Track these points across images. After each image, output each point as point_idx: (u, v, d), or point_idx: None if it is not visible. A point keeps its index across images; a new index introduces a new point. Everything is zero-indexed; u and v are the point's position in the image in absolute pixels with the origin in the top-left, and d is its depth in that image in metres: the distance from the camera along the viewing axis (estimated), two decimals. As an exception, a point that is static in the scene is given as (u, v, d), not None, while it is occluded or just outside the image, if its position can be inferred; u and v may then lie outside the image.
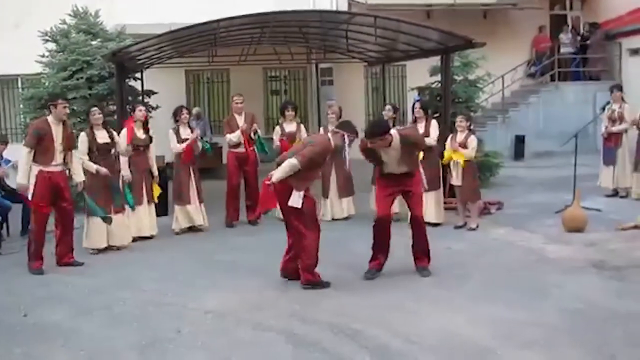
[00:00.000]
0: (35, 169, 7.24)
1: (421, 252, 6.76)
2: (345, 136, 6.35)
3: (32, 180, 7.26)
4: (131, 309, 5.93)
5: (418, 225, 6.74)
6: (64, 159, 7.48)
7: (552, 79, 17.42)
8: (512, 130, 16.46)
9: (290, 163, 6.11)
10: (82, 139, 7.91)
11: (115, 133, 8.30)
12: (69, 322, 5.62)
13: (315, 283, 6.31)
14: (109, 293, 6.40)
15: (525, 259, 7.19)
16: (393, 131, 6.55)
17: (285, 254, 6.60)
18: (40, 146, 7.22)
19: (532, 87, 17.74)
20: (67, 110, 7.57)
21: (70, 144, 7.56)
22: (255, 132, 9.54)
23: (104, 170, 7.87)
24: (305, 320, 5.42)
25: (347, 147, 6.42)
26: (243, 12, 9.68)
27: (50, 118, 7.39)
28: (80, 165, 7.80)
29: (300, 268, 6.36)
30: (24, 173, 7.23)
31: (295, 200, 6.17)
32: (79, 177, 7.71)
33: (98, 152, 7.96)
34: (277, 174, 6.16)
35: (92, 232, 8.04)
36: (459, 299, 5.88)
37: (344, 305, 5.77)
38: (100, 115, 8.11)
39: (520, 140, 16.35)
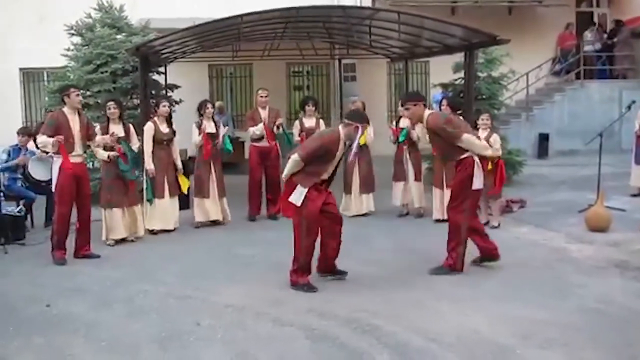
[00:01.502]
0: (58, 160, 7.31)
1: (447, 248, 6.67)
2: (360, 127, 6.15)
3: (55, 172, 7.34)
4: (151, 301, 5.97)
5: (448, 221, 6.67)
6: (85, 149, 7.56)
7: (578, 77, 17.21)
8: (536, 128, 16.31)
9: (292, 159, 6.02)
10: (97, 131, 7.99)
11: (131, 127, 8.36)
12: (90, 314, 5.68)
13: (300, 285, 6.16)
14: (130, 285, 6.46)
15: (547, 258, 7.12)
16: (427, 111, 6.50)
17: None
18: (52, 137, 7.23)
19: (557, 85, 17.54)
20: (81, 98, 7.62)
21: (89, 133, 7.60)
22: (280, 126, 9.53)
23: (113, 153, 7.93)
24: (324, 315, 5.42)
25: (357, 139, 6.16)
26: (266, 7, 9.70)
27: (65, 109, 7.43)
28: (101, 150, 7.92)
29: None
30: (48, 143, 7.19)
31: (296, 196, 6.01)
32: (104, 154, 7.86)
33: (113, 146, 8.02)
34: (285, 171, 6.11)
35: (112, 223, 8.13)
36: (479, 297, 5.85)
37: (363, 301, 5.76)
38: (116, 110, 8.18)
39: (544, 139, 16.20)
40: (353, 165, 9.44)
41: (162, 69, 12.52)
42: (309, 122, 9.74)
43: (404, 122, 9.20)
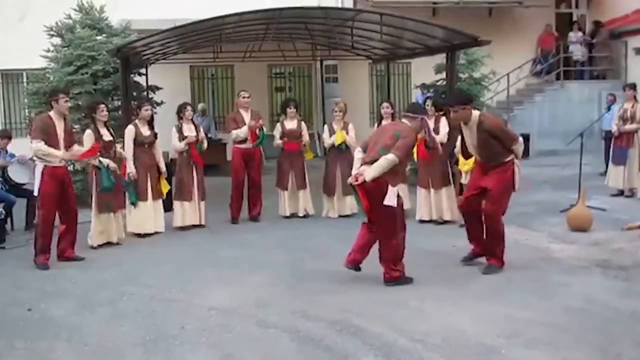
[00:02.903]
0: (41, 165, 7.24)
1: (488, 250, 6.66)
2: (425, 119, 6.35)
3: (38, 177, 7.26)
4: (136, 304, 5.92)
5: (487, 223, 6.60)
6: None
7: (558, 77, 17.37)
8: (517, 128, 16.10)
9: (387, 159, 5.95)
10: (89, 137, 7.91)
11: (111, 131, 8.30)
12: (73, 317, 5.62)
13: (400, 279, 6.21)
14: (113, 288, 6.40)
15: (530, 257, 7.16)
16: (476, 112, 6.47)
17: (354, 245, 6.37)
18: (47, 141, 7.19)
19: (538, 86, 17.71)
20: (69, 104, 7.55)
21: (72, 140, 7.55)
22: (261, 129, 9.49)
23: (106, 161, 7.88)
24: (309, 317, 5.41)
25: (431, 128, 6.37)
26: (248, 8, 9.68)
27: (52, 113, 7.37)
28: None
29: (384, 266, 6.22)
30: (53, 153, 7.18)
31: (391, 198, 6.02)
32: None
33: (103, 150, 7.96)
34: (372, 172, 5.97)
35: (102, 227, 8.06)
36: (464, 297, 5.86)
37: (349, 302, 5.75)
38: (107, 113, 8.14)
39: (525, 139, 16.13)
40: (335, 167, 9.43)
41: (143, 71, 12.44)
42: (290, 125, 9.73)
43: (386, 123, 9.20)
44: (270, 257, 7.43)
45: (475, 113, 6.47)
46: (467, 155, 6.95)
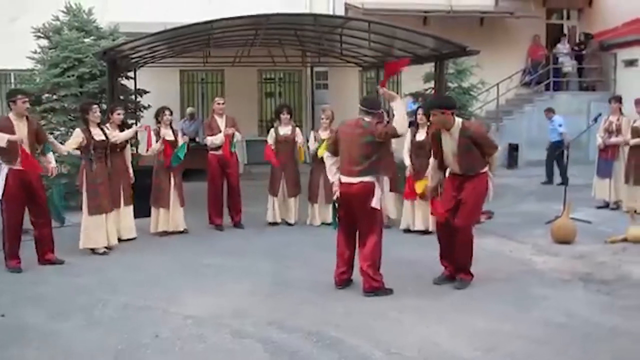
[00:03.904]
0: (5, 167, 7.12)
1: (458, 264, 6.51)
2: (383, 113, 6.44)
3: (2, 180, 7.13)
4: (111, 311, 5.84)
5: (459, 236, 6.39)
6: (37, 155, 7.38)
7: (547, 88, 17.39)
8: (506, 138, 16.40)
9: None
10: (77, 134, 7.85)
11: (108, 131, 8.23)
12: (47, 324, 5.54)
13: (380, 289, 6.14)
14: (89, 294, 6.31)
15: (512, 269, 7.12)
16: (459, 119, 6.37)
17: (339, 267, 6.36)
18: (6, 145, 7.00)
19: (527, 96, 17.72)
20: (27, 105, 7.35)
21: (40, 138, 7.41)
22: (233, 135, 9.34)
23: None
24: (285, 327, 5.34)
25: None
26: (238, 13, 9.63)
27: (11, 115, 7.24)
28: (52, 156, 7.71)
29: (364, 275, 6.13)
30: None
31: (377, 200, 6.07)
32: (50, 163, 7.59)
33: (94, 150, 7.87)
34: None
35: (90, 230, 7.90)
36: (443, 309, 5.81)
37: (326, 313, 5.69)
38: (100, 114, 8.11)
39: (513, 149, 16.32)
40: (319, 175, 9.35)
41: (131, 74, 12.37)
42: (284, 130, 9.65)
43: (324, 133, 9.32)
44: (252, 265, 7.35)
45: (458, 120, 6.35)
46: (441, 167, 6.74)
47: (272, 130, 9.79)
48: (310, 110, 17.10)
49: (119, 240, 8.46)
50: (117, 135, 8.40)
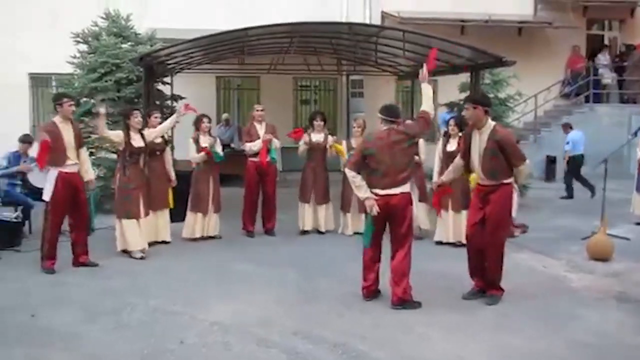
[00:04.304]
0: (55, 171, 7.26)
1: (489, 279, 6.39)
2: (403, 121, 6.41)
3: (52, 182, 7.28)
4: (139, 315, 5.88)
5: (489, 250, 6.27)
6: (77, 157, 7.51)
7: (587, 100, 17.08)
8: (544, 150, 16.16)
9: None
10: (118, 133, 8.03)
11: (145, 139, 8.31)
12: (75, 326, 5.59)
13: (408, 302, 6.08)
14: (119, 298, 6.37)
15: (544, 286, 6.97)
16: (492, 121, 6.25)
17: (367, 279, 6.32)
18: (53, 148, 7.20)
19: (566, 108, 17.43)
20: (73, 108, 7.56)
21: (80, 142, 7.56)
22: (270, 141, 9.38)
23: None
24: (311, 338, 5.30)
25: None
26: (275, 21, 9.66)
27: (57, 118, 7.41)
28: (89, 163, 7.89)
29: (394, 287, 6.08)
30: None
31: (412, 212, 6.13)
32: (88, 175, 7.73)
33: (130, 156, 7.98)
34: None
35: (123, 234, 8.01)
36: (471, 325, 5.71)
37: (353, 325, 5.64)
38: (141, 119, 8.21)
39: (551, 161, 16.06)
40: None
41: (168, 79, 12.50)
42: (317, 137, 9.62)
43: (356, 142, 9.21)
44: (280, 274, 7.34)
45: (491, 122, 6.24)
46: (467, 170, 6.63)
47: (304, 135, 9.77)
48: (346, 119, 17.04)
49: (155, 242, 8.56)
50: (154, 131, 8.38)
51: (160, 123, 8.67)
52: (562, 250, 8.57)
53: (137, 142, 8.07)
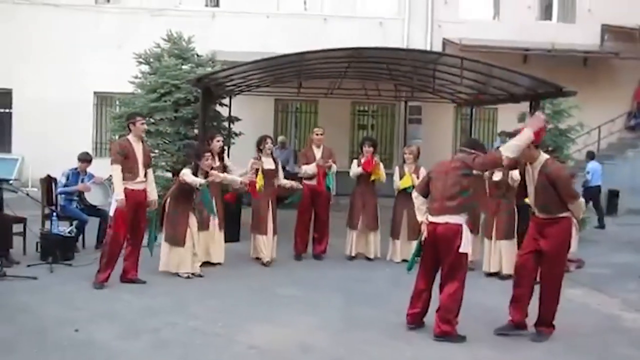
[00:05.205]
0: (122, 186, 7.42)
1: (541, 316, 6.16)
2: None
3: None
4: (179, 335, 5.89)
5: (544, 286, 6.12)
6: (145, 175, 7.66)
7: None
8: (606, 184, 15.63)
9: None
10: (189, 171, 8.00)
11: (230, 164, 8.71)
12: (115, 342, 5.64)
13: (452, 335, 5.92)
14: (161, 316, 6.40)
15: (598, 325, 6.68)
16: (545, 155, 6.14)
17: (414, 306, 6.20)
18: (125, 164, 7.40)
19: (631, 141, 16.91)
20: (146, 127, 7.77)
21: (148, 161, 7.75)
22: (330, 168, 9.39)
23: (202, 181, 7.86)
24: (348, 368, 5.21)
25: None
26: (334, 45, 9.70)
27: (130, 136, 7.61)
28: (154, 184, 7.97)
29: (439, 318, 5.94)
30: (120, 189, 7.36)
31: (467, 244, 5.90)
32: (152, 195, 7.85)
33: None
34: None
35: (166, 256, 8.06)
36: (517, 363, 5.51)
37: (394, 356, 5.52)
38: (222, 144, 8.58)
39: (614, 195, 15.55)
40: (402, 210, 9.20)
41: (226, 101, 12.67)
42: (365, 163, 9.57)
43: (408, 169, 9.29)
44: (324, 299, 7.26)
45: (544, 156, 6.10)
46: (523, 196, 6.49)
47: (354, 161, 9.72)
48: (403, 144, 16.90)
49: (208, 263, 8.59)
50: (216, 176, 8.20)
51: (221, 147, 8.86)
52: (618, 288, 8.22)
53: (214, 165, 8.29)
